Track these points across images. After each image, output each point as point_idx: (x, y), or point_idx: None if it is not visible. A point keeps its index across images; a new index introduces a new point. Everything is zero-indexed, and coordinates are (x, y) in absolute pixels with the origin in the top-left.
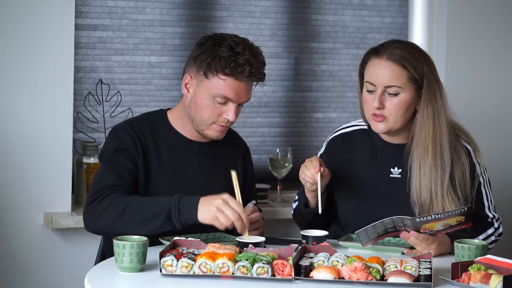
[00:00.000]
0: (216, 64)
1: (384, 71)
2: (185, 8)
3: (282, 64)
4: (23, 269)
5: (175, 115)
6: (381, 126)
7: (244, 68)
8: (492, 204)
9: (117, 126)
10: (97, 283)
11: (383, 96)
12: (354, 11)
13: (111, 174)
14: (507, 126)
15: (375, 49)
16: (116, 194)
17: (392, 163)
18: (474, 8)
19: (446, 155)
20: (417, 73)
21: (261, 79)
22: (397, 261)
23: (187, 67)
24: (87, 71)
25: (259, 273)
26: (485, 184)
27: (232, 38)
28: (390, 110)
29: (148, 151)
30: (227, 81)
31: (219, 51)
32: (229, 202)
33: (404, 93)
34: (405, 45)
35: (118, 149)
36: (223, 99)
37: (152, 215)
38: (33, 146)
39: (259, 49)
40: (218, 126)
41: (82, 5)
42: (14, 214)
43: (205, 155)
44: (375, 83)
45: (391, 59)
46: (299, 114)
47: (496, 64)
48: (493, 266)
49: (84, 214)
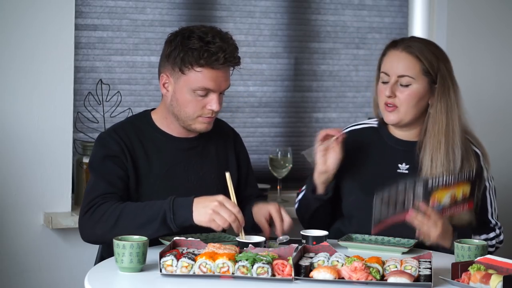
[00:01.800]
0: (189, 57)
1: (398, 61)
2: (185, 8)
3: (282, 64)
4: (23, 269)
5: (159, 115)
6: (392, 116)
7: (218, 56)
8: (495, 212)
9: (103, 134)
10: (97, 283)
11: (395, 86)
12: (354, 11)
13: (102, 182)
14: (508, 126)
15: (394, 42)
16: (109, 202)
17: (400, 159)
18: (474, 8)
19: (457, 151)
20: (431, 67)
21: (237, 63)
22: (397, 261)
23: (161, 67)
24: (87, 71)
25: (259, 273)
26: (491, 190)
27: (199, 28)
28: (401, 100)
29: (136, 154)
30: (204, 72)
31: (190, 44)
32: (225, 204)
33: (416, 84)
34: (424, 40)
35: (106, 156)
36: (204, 91)
37: (147, 220)
38: (33, 146)
39: (229, 34)
40: (204, 118)
41: (82, 5)
42: (14, 214)
43: (194, 150)
44: (388, 73)
45: (407, 50)
46: (299, 114)
47: (496, 64)
48: (493, 266)
49: (80, 225)
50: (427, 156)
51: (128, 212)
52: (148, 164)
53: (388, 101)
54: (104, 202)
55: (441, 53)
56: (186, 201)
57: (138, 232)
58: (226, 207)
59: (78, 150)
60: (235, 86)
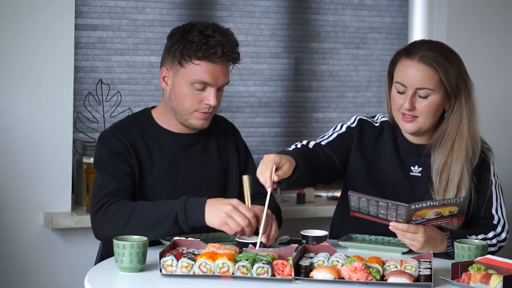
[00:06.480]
0: (188, 50)
1: (416, 72)
2: (185, 8)
3: (282, 64)
4: (23, 269)
5: (159, 112)
6: (410, 126)
7: (216, 49)
8: (500, 208)
9: (105, 133)
10: (97, 283)
11: (414, 98)
12: (354, 11)
13: (111, 180)
14: (508, 126)
15: (406, 50)
16: (121, 201)
17: (412, 162)
18: (474, 8)
19: (476, 152)
20: (448, 75)
21: (235, 59)
22: (397, 261)
23: (163, 61)
24: (87, 71)
25: (259, 273)
26: (497, 186)
27: (201, 23)
28: (420, 111)
29: (138, 151)
30: (202, 65)
31: (190, 37)
32: (239, 208)
33: (434, 95)
34: (436, 45)
35: (111, 154)
36: (201, 85)
37: (159, 220)
38: (33, 146)
39: (230, 30)
40: (201, 113)
41: (82, 5)
42: (14, 214)
43: (194, 146)
44: (406, 85)
45: (424, 61)
46: (299, 114)
47: (496, 64)
48: (493, 266)
49: (92, 224)
50: (440, 160)
51: (139, 212)
52: (150, 160)
53: (407, 113)
54: (115, 201)
55: (452, 54)
56: (198, 202)
57: (149, 232)
58: (240, 211)
59: (78, 150)
60: (235, 86)
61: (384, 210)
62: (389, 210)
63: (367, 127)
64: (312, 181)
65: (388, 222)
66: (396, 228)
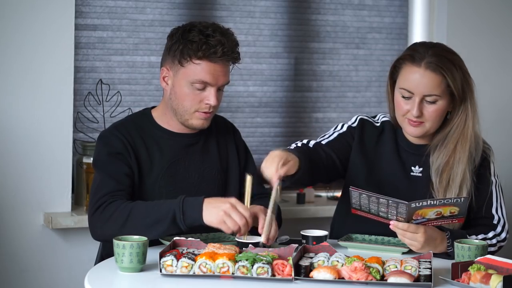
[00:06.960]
0: (188, 49)
1: (423, 80)
2: (185, 8)
3: (282, 64)
4: (23, 269)
5: (159, 112)
6: (416, 130)
7: (217, 49)
8: (501, 208)
9: (104, 132)
10: (97, 283)
11: (421, 104)
12: (354, 11)
13: (110, 180)
14: (508, 126)
15: (410, 55)
16: (119, 201)
17: (413, 162)
18: (474, 7)
19: (478, 153)
20: (455, 80)
21: (235, 59)
22: (397, 261)
23: (163, 61)
24: (87, 71)
25: (259, 273)
26: (497, 186)
27: (201, 23)
28: (427, 116)
29: (138, 151)
30: (202, 64)
31: (190, 37)
32: (237, 207)
33: (441, 100)
34: (439, 50)
35: (110, 154)
36: (201, 84)
37: (157, 220)
38: (33, 146)
39: (230, 30)
40: (201, 113)
41: (82, 5)
42: (14, 214)
43: (194, 146)
44: (413, 91)
45: (431, 68)
46: (299, 114)
47: (497, 63)
48: (493, 266)
49: (90, 224)
50: (440, 160)
51: (137, 212)
52: (150, 160)
53: (414, 119)
54: (113, 201)
55: (456, 57)
56: (196, 201)
57: (147, 232)
58: (238, 210)
59: (78, 150)
60: (235, 86)
61: (385, 208)
62: (390, 208)
63: (368, 127)
64: (312, 180)
65: (388, 221)
66: (397, 227)
